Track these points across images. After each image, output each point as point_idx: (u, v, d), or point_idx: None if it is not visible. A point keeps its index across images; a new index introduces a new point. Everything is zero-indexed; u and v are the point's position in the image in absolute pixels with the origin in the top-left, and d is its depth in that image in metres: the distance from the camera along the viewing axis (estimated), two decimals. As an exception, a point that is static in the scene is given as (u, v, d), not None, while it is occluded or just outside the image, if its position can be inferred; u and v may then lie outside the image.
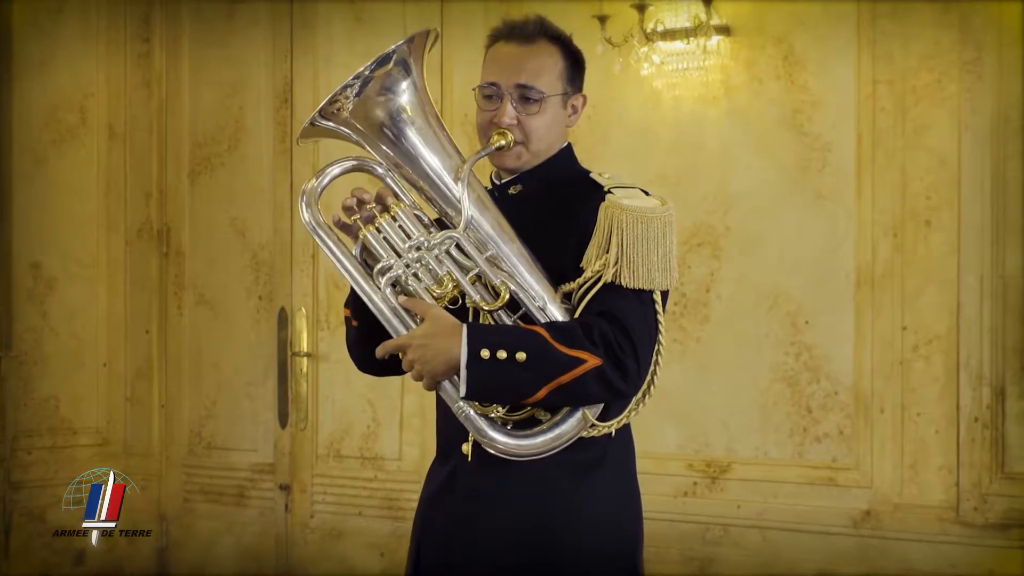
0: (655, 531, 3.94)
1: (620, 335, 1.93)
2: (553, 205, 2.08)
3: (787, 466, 3.86)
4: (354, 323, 2.16)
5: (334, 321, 4.60)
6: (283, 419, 4.67)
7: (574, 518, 2.02)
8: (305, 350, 4.62)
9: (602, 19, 3.93)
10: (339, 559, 4.57)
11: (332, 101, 1.99)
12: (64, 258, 4.71)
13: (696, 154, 3.98)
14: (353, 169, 2.06)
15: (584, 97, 2.17)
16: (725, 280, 3.95)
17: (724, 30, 3.88)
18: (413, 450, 4.40)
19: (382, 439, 4.50)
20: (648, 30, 3.89)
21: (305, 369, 4.63)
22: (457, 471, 2.08)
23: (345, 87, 1.98)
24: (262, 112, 4.69)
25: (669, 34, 3.89)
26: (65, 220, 4.71)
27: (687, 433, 3.98)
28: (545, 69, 2.08)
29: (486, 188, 2.16)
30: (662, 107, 4.00)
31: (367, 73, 1.98)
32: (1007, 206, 3.59)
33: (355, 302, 2.10)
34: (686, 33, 3.86)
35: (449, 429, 2.07)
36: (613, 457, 2.06)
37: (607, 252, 1.96)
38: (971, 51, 3.62)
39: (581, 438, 1.99)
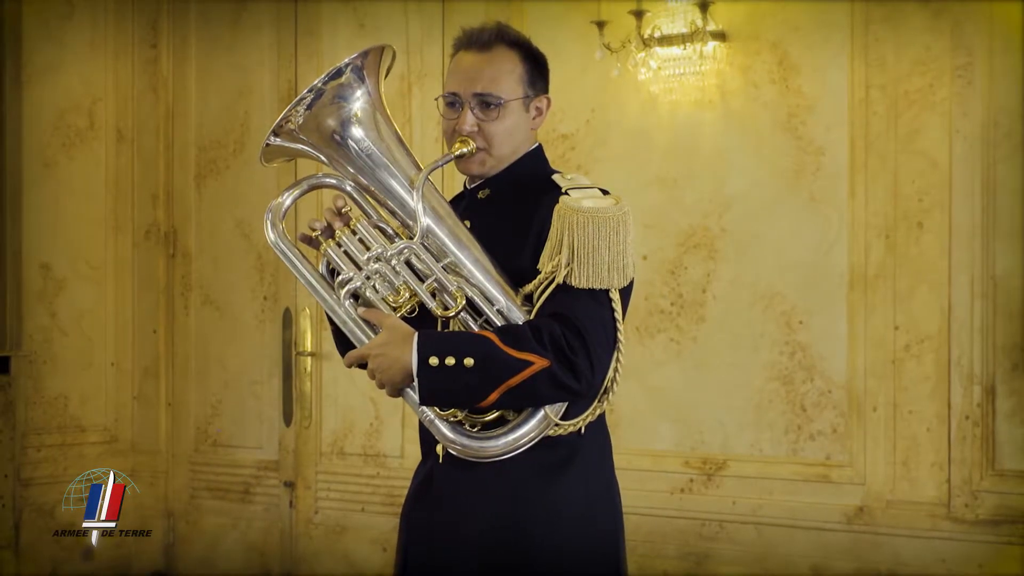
0: (652, 527, 4.01)
1: (571, 335, 1.94)
2: (517, 208, 2.09)
3: (781, 463, 3.88)
4: (331, 326, 2.20)
5: (338, 321, 4.66)
6: (287, 417, 4.71)
7: (547, 517, 2.03)
8: (309, 349, 4.65)
9: (600, 25, 3.97)
10: (342, 554, 4.60)
11: (286, 119, 2.02)
12: (73, 259, 4.75)
13: (692, 157, 4.01)
14: (315, 186, 2.10)
15: (548, 99, 2.17)
16: (721, 281, 3.99)
17: (720, 36, 3.91)
18: (415, 447, 4.31)
19: (384, 437, 4.53)
20: (645, 36, 3.93)
21: (309, 368, 4.66)
22: (433, 471, 2.12)
23: (299, 101, 2.01)
24: (267, 116, 4.70)
25: (666, 40, 3.92)
26: (74, 222, 4.75)
27: (683, 431, 4.00)
28: (503, 75, 2.09)
29: (460, 193, 2.20)
30: (659, 111, 4.03)
31: (319, 86, 2.01)
32: (997, 208, 3.61)
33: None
34: (683, 39, 3.89)
35: (427, 431, 2.08)
36: (585, 454, 2.07)
37: (559, 253, 1.97)
38: (962, 56, 3.64)
39: (550, 437, 2.01)
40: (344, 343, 2.13)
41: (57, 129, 4.71)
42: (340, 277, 2.04)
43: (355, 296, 2.04)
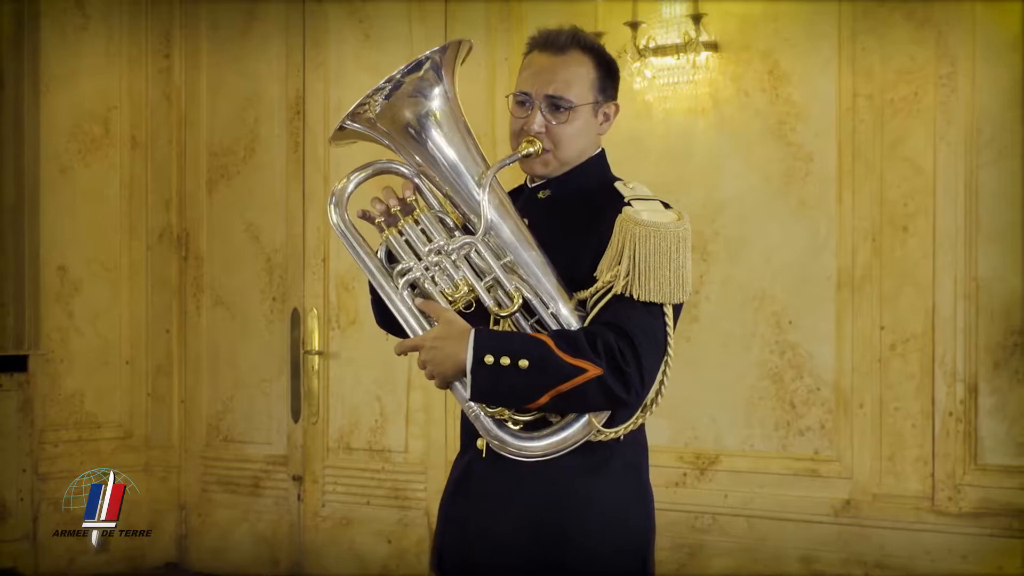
0: (646, 519, 4.11)
1: (624, 345, 1.93)
2: (577, 212, 2.08)
3: (772, 458, 3.95)
4: (371, 297, 2.21)
5: (344, 321, 4.69)
6: (296, 414, 4.77)
7: (582, 517, 2.03)
8: (316, 348, 4.71)
9: (597, 36, 4.04)
10: (348, 546, 4.66)
11: (362, 104, 2.00)
12: (89, 261, 4.82)
13: (686, 163, 4.08)
14: (381, 172, 2.07)
15: (617, 106, 2.15)
16: (713, 283, 4.05)
17: (712, 46, 3.99)
18: (418, 443, 4.46)
19: (389, 433, 4.58)
20: (640, 46, 4.01)
21: (316, 366, 4.72)
22: (472, 465, 2.11)
23: (376, 90, 1.99)
24: (275, 123, 4.80)
25: (660, 50, 4.00)
26: (90, 226, 4.82)
27: (678, 427, 4.06)
28: (576, 79, 2.08)
29: (519, 188, 2.20)
30: (654, 119, 4.11)
31: (399, 77, 1.99)
32: (979, 212, 3.69)
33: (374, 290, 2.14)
34: (676, 49, 3.97)
35: (468, 423, 2.08)
36: (621, 459, 2.06)
37: (619, 264, 1.96)
38: (946, 66, 3.71)
39: (589, 441, 2.01)
40: (386, 319, 2.14)
41: (73, 136, 4.78)
42: (400, 266, 2.04)
43: (412, 286, 2.03)
